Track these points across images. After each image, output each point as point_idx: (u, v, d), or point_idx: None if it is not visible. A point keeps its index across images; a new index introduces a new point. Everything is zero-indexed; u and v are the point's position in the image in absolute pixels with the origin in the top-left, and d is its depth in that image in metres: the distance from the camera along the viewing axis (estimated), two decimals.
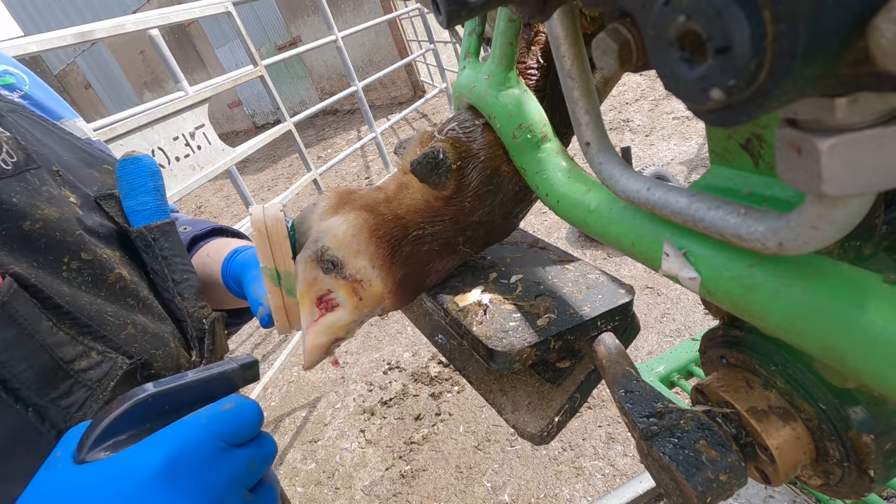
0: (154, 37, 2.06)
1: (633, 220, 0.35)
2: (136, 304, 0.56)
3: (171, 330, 0.59)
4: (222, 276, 0.70)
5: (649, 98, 4.69)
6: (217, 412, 0.38)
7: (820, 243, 0.22)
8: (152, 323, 0.57)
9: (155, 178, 0.63)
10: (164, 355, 0.56)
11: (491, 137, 0.50)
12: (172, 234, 0.62)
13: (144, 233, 0.60)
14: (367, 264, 0.50)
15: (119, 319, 0.53)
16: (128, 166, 0.61)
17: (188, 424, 0.36)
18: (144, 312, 0.57)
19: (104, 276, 0.53)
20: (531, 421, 0.49)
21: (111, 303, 0.53)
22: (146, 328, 0.55)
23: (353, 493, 2.07)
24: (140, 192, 0.61)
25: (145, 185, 0.61)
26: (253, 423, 0.39)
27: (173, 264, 0.61)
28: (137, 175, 0.61)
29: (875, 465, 0.31)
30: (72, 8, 14.26)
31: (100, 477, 0.33)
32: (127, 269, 0.57)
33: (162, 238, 0.61)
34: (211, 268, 0.72)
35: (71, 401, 0.46)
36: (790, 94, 0.16)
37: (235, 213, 6.55)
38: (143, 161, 0.62)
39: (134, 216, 0.60)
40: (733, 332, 0.39)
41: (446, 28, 0.30)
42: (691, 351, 1.58)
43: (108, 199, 0.60)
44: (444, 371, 2.50)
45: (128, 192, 0.61)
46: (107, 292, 0.53)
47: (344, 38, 3.58)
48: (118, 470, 0.34)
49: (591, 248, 2.93)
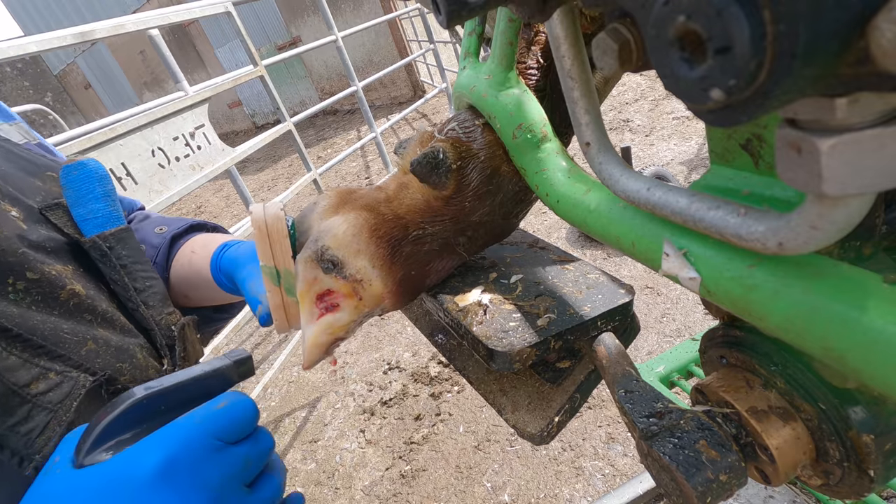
0: (154, 37, 2.06)
1: (633, 220, 0.35)
2: (95, 318, 0.53)
3: (138, 341, 0.57)
4: (212, 272, 0.68)
5: (649, 98, 4.69)
6: (211, 411, 0.38)
7: (820, 243, 0.22)
8: (115, 336, 0.54)
9: (103, 182, 0.59)
10: (131, 368, 0.54)
11: (491, 137, 0.50)
12: (130, 241, 0.60)
13: (98, 242, 0.57)
14: (367, 264, 0.50)
15: (77, 336, 0.50)
16: (72, 173, 0.58)
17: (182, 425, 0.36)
18: (105, 326, 0.54)
19: (55, 293, 0.51)
20: (531, 421, 0.49)
21: (67, 320, 0.51)
22: (108, 342, 0.53)
23: (353, 493, 2.07)
24: (89, 200, 0.58)
25: (94, 192, 0.58)
26: (248, 419, 0.39)
27: (134, 272, 0.59)
28: (84, 182, 0.58)
29: (875, 465, 0.31)
30: (72, 8, 14.26)
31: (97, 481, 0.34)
32: (82, 283, 0.54)
33: (118, 246, 0.58)
34: (198, 264, 0.70)
35: (31, 426, 0.44)
36: (790, 94, 0.16)
37: (235, 213, 6.55)
38: (88, 166, 0.58)
39: (85, 225, 0.57)
40: (733, 332, 0.39)
41: (446, 28, 0.30)
42: (691, 351, 1.58)
43: (55, 210, 0.56)
44: (444, 371, 2.50)
45: (76, 200, 0.57)
46: (61, 309, 0.51)
47: (344, 38, 3.58)
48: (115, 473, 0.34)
49: (591, 248, 2.93)
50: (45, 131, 11.15)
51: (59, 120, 4.58)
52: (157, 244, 0.72)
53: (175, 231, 0.74)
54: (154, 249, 0.72)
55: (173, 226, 0.75)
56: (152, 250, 0.72)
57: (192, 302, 0.77)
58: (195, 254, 0.72)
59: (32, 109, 4.70)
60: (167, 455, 0.34)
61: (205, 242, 0.73)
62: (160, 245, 0.72)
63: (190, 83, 2.20)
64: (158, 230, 0.74)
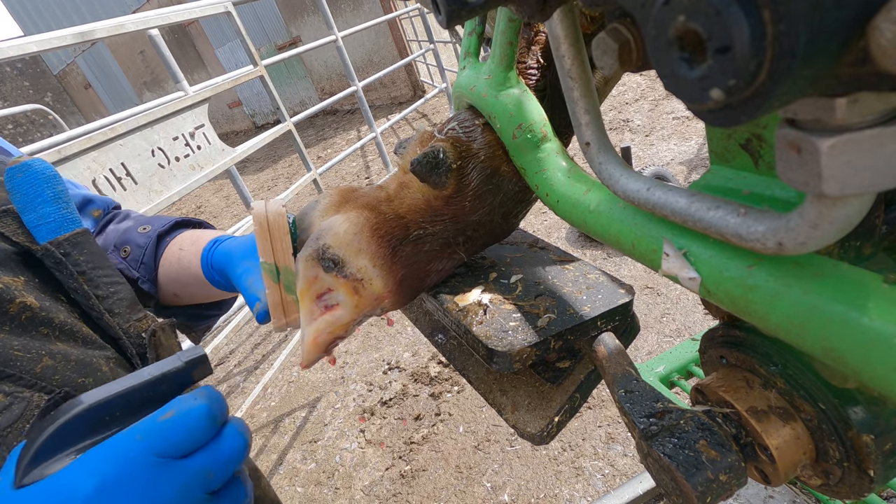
0: (154, 37, 2.06)
1: (633, 220, 0.35)
2: (52, 331, 0.50)
3: (104, 353, 0.53)
4: (203, 269, 0.66)
5: (649, 98, 4.69)
6: (155, 424, 0.35)
7: (820, 243, 0.22)
8: (76, 349, 0.51)
9: (52, 183, 0.55)
10: (95, 382, 0.50)
11: (491, 137, 0.50)
12: (87, 245, 0.56)
13: (51, 249, 0.52)
14: (367, 263, 0.50)
15: (31, 352, 0.46)
16: (16, 176, 0.53)
17: (121, 441, 0.34)
18: (65, 339, 0.50)
19: (3, 307, 0.47)
20: (531, 421, 0.49)
21: (18, 336, 0.47)
22: (68, 356, 0.49)
23: (353, 493, 2.07)
24: (38, 204, 0.53)
25: (42, 195, 0.54)
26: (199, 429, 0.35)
27: (94, 278, 0.55)
28: (30, 185, 0.53)
29: (875, 465, 0.31)
30: (72, 8, 14.26)
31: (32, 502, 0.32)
32: (35, 295, 0.50)
33: (74, 251, 0.54)
34: (187, 261, 0.68)
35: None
36: (790, 94, 0.16)
37: (235, 213, 6.55)
38: (33, 167, 0.54)
39: (38, 231, 0.53)
40: (733, 332, 0.39)
41: (446, 28, 0.30)
42: (691, 351, 1.58)
43: (2, 217, 0.52)
44: (444, 371, 2.50)
45: (24, 205, 0.53)
46: (12, 325, 0.47)
47: (344, 38, 3.57)
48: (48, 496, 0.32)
49: (591, 248, 2.93)
50: (45, 131, 11.05)
51: (58, 120, 4.58)
52: (142, 244, 0.70)
53: (161, 229, 0.72)
54: (140, 249, 0.69)
55: (157, 224, 0.73)
56: (138, 250, 0.69)
57: (182, 300, 0.75)
58: (184, 251, 0.69)
59: (32, 109, 4.70)
60: (104, 477, 0.32)
61: (193, 239, 0.70)
62: (146, 244, 0.69)
63: (190, 83, 2.20)
64: (142, 229, 0.71)
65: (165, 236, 0.72)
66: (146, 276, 0.69)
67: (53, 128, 5.15)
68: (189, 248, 0.69)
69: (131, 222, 0.73)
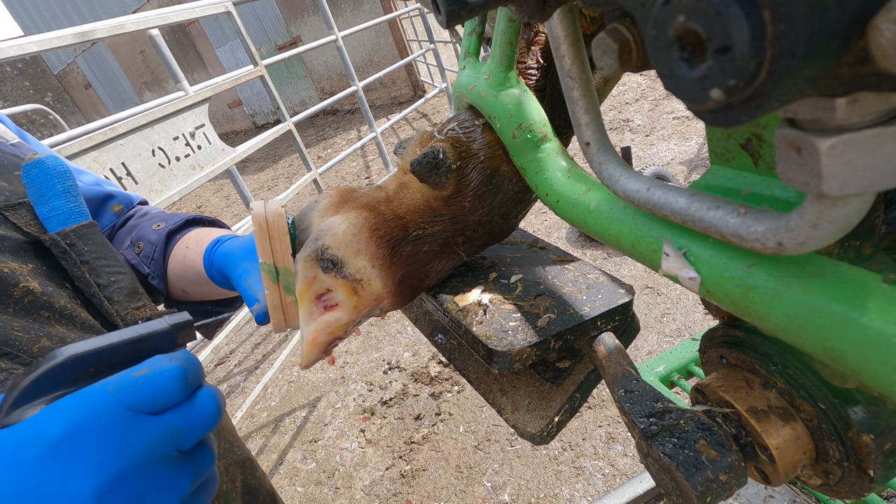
0: (154, 36, 2.06)
1: (633, 220, 0.35)
2: (53, 315, 0.53)
3: None
4: (205, 267, 0.68)
5: (649, 98, 4.69)
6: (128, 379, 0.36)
7: (820, 243, 0.22)
8: (74, 333, 0.54)
9: (63, 178, 0.59)
10: None
11: (491, 137, 0.50)
12: (93, 236, 0.60)
13: (58, 239, 0.57)
14: (366, 264, 0.50)
15: (29, 333, 0.50)
16: (31, 172, 0.58)
17: (92, 392, 0.35)
18: (64, 323, 0.54)
19: (7, 290, 0.51)
20: (531, 421, 0.49)
21: (20, 318, 0.51)
22: (65, 339, 0.52)
23: (353, 493, 2.07)
24: (49, 197, 0.58)
25: (53, 189, 0.58)
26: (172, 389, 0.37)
27: (97, 268, 0.59)
28: (43, 179, 0.58)
29: (875, 465, 0.31)
30: (72, 8, 14.26)
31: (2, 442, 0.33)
32: (39, 281, 0.54)
33: (80, 242, 0.58)
34: (192, 259, 0.70)
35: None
36: (790, 94, 0.16)
37: (235, 213, 6.55)
38: (46, 163, 0.58)
39: (49, 223, 0.57)
40: (733, 332, 0.39)
41: (446, 28, 0.30)
42: (691, 351, 1.58)
43: (17, 209, 0.57)
44: (444, 371, 2.50)
45: (38, 198, 0.58)
46: (15, 307, 0.51)
47: (344, 37, 3.57)
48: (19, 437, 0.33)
49: (591, 248, 2.93)
50: (45, 131, 11.03)
51: (59, 120, 4.58)
52: (154, 240, 0.73)
53: (171, 227, 0.75)
54: (151, 246, 0.72)
55: (171, 221, 0.76)
56: (150, 247, 0.72)
57: (190, 297, 0.77)
58: (189, 249, 0.72)
59: (32, 109, 4.70)
60: (70, 424, 0.33)
61: (198, 238, 0.73)
62: (157, 241, 0.73)
63: (190, 83, 2.20)
64: (156, 226, 0.75)
65: (176, 234, 0.75)
66: (156, 273, 0.72)
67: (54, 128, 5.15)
68: (194, 246, 0.71)
69: (148, 219, 0.77)
